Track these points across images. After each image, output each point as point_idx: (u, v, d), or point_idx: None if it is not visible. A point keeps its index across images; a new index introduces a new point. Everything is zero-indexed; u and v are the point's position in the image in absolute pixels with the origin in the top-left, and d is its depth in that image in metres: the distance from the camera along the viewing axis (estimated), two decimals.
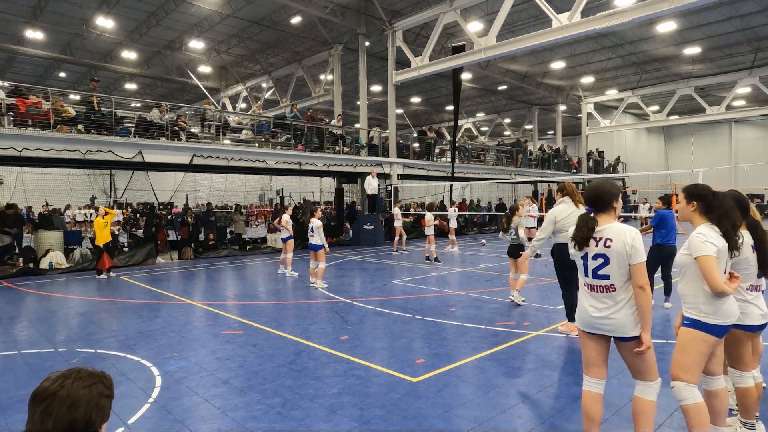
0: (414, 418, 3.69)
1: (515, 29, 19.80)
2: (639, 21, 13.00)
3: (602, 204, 2.86)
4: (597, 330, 2.83)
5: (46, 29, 20.12)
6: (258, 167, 15.85)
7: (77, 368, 1.37)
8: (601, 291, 2.80)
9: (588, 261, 2.83)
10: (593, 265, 2.81)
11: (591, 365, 2.92)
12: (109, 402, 1.35)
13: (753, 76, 24.37)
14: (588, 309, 2.85)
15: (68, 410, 1.25)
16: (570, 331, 5.93)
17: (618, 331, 2.76)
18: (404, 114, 33.48)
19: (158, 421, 3.73)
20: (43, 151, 11.55)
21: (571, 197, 5.90)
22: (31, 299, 8.95)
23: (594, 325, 2.83)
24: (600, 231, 2.81)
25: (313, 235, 9.52)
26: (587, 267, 2.84)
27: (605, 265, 2.77)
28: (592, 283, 2.84)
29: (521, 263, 7.46)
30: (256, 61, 25.23)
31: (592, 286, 2.84)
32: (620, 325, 2.74)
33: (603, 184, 2.90)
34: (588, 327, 2.87)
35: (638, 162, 37.24)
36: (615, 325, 2.75)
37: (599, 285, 2.81)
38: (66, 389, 1.28)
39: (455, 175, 20.81)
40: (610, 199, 2.84)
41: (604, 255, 2.77)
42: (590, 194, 2.90)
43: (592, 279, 2.83)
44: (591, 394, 2.92)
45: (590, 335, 2.89)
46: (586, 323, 2.88)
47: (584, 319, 2.88)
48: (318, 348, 5.52)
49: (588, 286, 2.87)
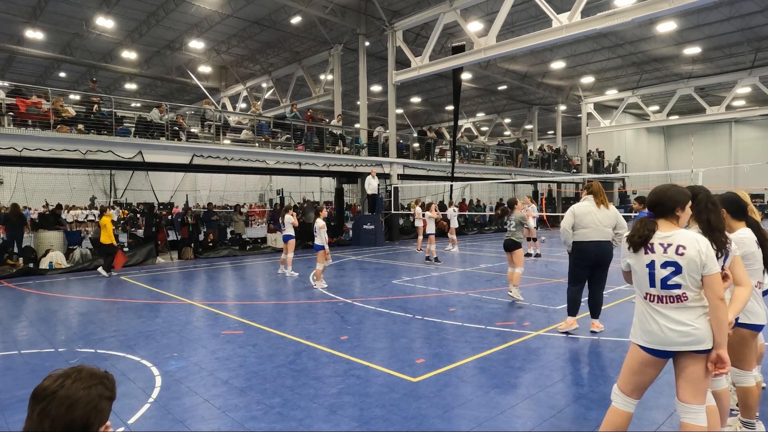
0: (414, 418, 3.69)
1: (515, 29, 19.81)
2: (639, 21, 13.00)
3: (662, 209, 2.65)
4: (670, 346, 2.55)
5: (46, 29, 20.12)
6: (258, 167, 15.85)
7: (79, 367, 1.34)
8: (671, 301, 2.56)
9: (655, 270, 2.58)
10: (662, 274, 2.56)
11: (637, 389, 2.70)
12: (109, 404, 1.33)
13: (753, 76, 24.38)
14: (657, 324, 2.57)
15: (66, 411, 1.23)
16: (570, 325, 5.94)
17: (696, 344, 2.51)
18: (404, 114, 33.48)
19: (158, 421, 3.73)
20: (43, 151, 11.55)
21: (594, 197, 5.79)
22: (31, 299, 8.95)
23: (667, 341, 2.54)
24: (668, 237, 2.58)
25: (317, 236, 9.60)
26: (654, 276, 2.58)
27: (677, 274, 2.53)
28: (660, 294, 2.58)
29: (517, 257, 7.53)
30: (256, 61, 25.23)
31: (660, 297, 2.58)
32: (701, 336, 2.50)
33: (668, 189, 2.69)
34: (658, 344, 2.57)
35: (638, 162, 37.24)
36: (696, 336, 2.50)
37: (669, 295, 2.56)
38: (65, 389, 1.26)
39: (455, 175, 20.81)
40: (673, 205, 2.62)
41: (675, 263, 2.54)
42: (652, 198, 2.70)
43: (660, 289, 2.57)
44: (624, 414, 2.73)
45: (652, 356, 2.61)
46: (656, 340, 2.58)
47: (654, 335, 2.58)
48: (318, 348, 5.52)
49: (653, 297, 2.61)
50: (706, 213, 2.86)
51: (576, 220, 5.74)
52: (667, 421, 3.59)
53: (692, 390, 2.57)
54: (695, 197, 2.88)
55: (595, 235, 5.68)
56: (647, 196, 2.79)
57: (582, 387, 4.29)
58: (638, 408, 3.81)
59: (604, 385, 4.22)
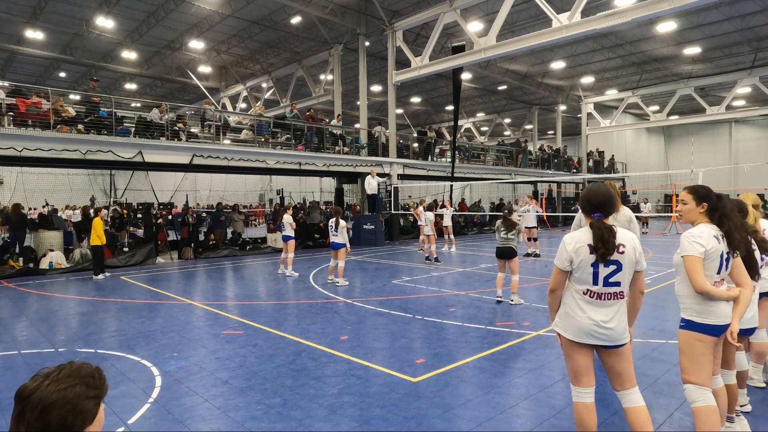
0: (414, 418, 3.69)
1: (515, 29, 19.81)
2: (639, 21, 13.00)
3: (610, 208, 2.76)
4: (596, 340, 2.70)
5: (46, 29, 20.11)
6: (258, 167, 15.85)
7: (63, 365, 1.29)
8: (609, 298, 2.69)
9: (599, 268, 2.67)
10: (605, 272, 2.67)
11: (581, 375, 2.79)
12: (92, 402, 1.27)
13: (753, 76, 24.37)
14: (587, 319, 2.69)
15: (39, 416, 1.19)
16: None
17: (618, 339, 2.69)
18: (404, 114, 33.47)
19: (158, 421, 3.73)
20: (43, 151, 11.55)
21: None
22: (31, 299, 8.94)
23: (594, 333, 2.69)
24: None
25: (336, 234, 9.75)
26: (597, 275, 2.68)
27: (618, 272, 2.67)
28: (600, 291, 2.69)
29: (515, 264, 7.61)
30: (256, 61, 25.23)
31: (600, 294, 2.70)
32: (621, 332, 2.70)
33: (605, 187, 2.80)
34: (586, 337, 2.71)
35: (638, 162, 37.24)
36: (617, 332, 2.68)
37: (608, 292, 2.69)
38: (38, 393, 1.21)
39: (455, 175, 20.81)
40: (615, 201, 2.78)
41: (617, 262, 2.66)
42: (599, 199, 2.75)
43: (602, 287, 2.68)
44: (586, 405, 2.79)
45: (581, 345, 2.75)
46: (585, 333, 2.71)
47: (583, 329, 2.71)
48: (318, 348, 5.52)
49: (592, 294, 2.71)
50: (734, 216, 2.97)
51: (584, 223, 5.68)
52: (668, 420, 3.59)
53: (621, 378, 2.75)
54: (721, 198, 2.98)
55: None
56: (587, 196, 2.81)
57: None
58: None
59: (604, 385, 4.21)
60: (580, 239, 2.74)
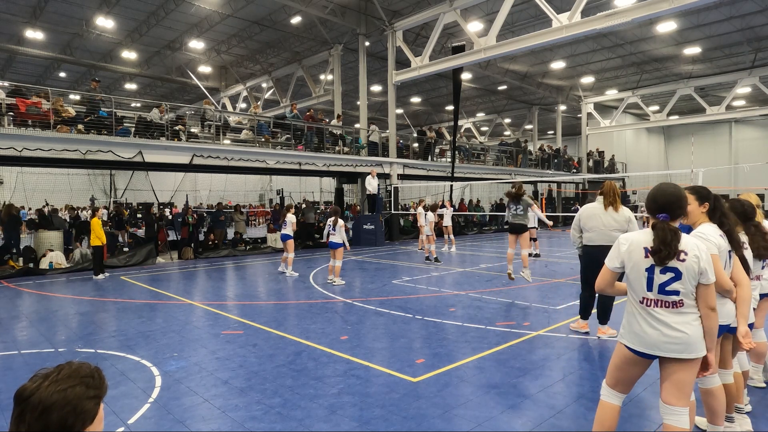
0: (414, 418, 3.69)
1: (515, 29, 19.81)
2: (639, 21, 12.99)
3: (678, 210, 2.53)
4: (659, 352, 2.51)
5: (46, 29, 20.11)
6: (258, 167, 15.85)
7: (62, 365, 1.29)
8: (668, 306, 2.51)
9: (654, 275, 2.50)
10: (661, 279, 2.49)
11: (622, 384, 2.69)
12: (92, 403, 1.27)
13: (753, 76, 24.37)
14: (649, 329, 2.52)
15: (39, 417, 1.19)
16: (581, 327, 5.95)
17: (684, 352, 2.48)
18: (404, 114, 33.48)
19: (158, 421, 3.73)
20: (43, 151, 11.54)
21: (604, 197, 5.53)
22: (31, 299, 8.94)
23: (657, 345, 2.51)
24: None
25: (334, 234, 9.84)
26: (652, 281, 2.51)
27: (676, 281, 2.47)
28: (655, 298, 2.52)
29: (524, 239, 7.67)
30: (256, 61, 25.23)
31: (656, 302, 2.52)
32: (690, 344, 2.47)
33: (674, 186, 2.58)
34: (647, 348, 2.54)
35: (638, 162, 37.25)
36: (686, 344, 2.47)
37: (666, 300, 2.51)
38: (38, 394, 1.20)
39: (455, 175, 20.81)
40: (685, 206, 2.54)
41: (675, 269, 2.46)
42: (667, 198, 2.54)
43: (657, 293, 2.51)
44: (612, 406, 2.72)
45: (638, 356, 2.58)
46: (645, 344, 2.54)
47: (643, 341, 2.55)
48: (318, 348, 5.52)
49: (648, 301, 2.55)
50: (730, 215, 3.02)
51: (582, 223, 5.65)
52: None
53: (677, 393, 2.54)
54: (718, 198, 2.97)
55: (599, 239, 5.45)
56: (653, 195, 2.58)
57: (582, 387, 4.29)
58: (638, 408, 3.82)
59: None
60: (635, 241, 2.58)
